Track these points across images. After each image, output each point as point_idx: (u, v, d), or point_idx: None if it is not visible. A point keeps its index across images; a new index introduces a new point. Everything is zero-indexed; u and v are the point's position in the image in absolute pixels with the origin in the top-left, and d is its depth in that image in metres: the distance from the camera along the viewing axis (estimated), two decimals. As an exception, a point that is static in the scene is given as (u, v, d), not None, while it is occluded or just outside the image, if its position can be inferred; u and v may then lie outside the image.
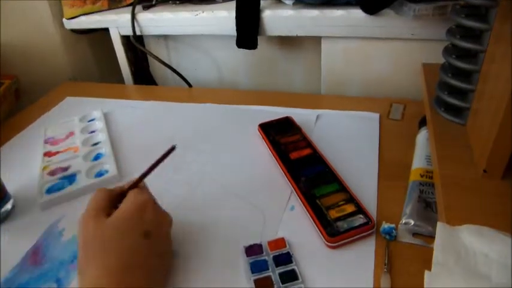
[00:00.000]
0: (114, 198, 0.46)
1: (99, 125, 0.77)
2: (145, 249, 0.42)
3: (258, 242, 0.50)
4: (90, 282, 0.38)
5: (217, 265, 0.49)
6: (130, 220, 0.42)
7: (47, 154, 0.71)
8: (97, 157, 0.69)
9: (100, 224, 0.42)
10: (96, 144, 0.72)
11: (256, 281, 0.46)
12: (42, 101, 0.91)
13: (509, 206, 0.43)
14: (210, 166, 0.65)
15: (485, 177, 0.46)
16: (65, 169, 0.66)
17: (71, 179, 0.64)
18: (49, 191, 0.62)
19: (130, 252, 0.41)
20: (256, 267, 0.47)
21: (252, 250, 0.49)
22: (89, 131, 0.77)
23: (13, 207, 0.59)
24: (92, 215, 0.43)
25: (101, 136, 0.74)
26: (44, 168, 0.67)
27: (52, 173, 0.65)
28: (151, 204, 0.45)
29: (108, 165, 0.66)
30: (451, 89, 0.56)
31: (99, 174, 0.65)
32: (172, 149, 0.50)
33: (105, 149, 0.70)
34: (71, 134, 0.76)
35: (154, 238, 0.43)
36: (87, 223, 0.42)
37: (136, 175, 0.50)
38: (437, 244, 0.40)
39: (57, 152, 0.71)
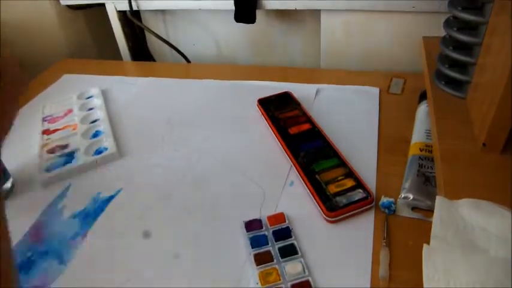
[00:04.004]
0: None
1: (97, 102, 0.77)
2: None
3: (257, 217, 0.51)
4: None
5: (217, 240, 0.49)
6: None
7: (46, 132, 0.70)
8: (96, 134, 0.69)
9: None
10: (94, 121, 0.72)
11: (256, 256, 0.46)
12: (39, 78, 0.90)
13: (508, 180, 0.43)
14: (209, 142, 0.65)
15: (485, 151, 0.46)
16: (64, 147, 0.66)
17: (70, 156, 0.64)
18: (49, 169, 0.62)
19: None
20: (256, 242, 0.48)
21: (252, 225, 0.50)
22: (87, 108, 0.76)
23: (13, 185, 0.60)
24: None
25: (99, 113, 0.73)
26: (43, 146, 0.66)
27: (51, 151, 0.65)
28: None
29: (107, 142, 0.66)
30: (451, 62, 0.55)
31: (98, 151, 0.65)
32: None
33: (103, 126, 0.70)
34: (69, 111, 0.75)
35: None
36: None
37: (135, 152, 0.49)
38: (436, 218, 0.41)
39: (56, 130, 0.70)
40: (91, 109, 0.75)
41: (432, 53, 0.62)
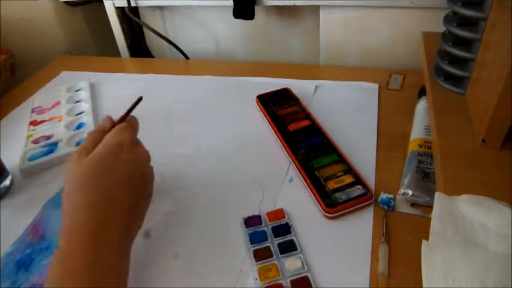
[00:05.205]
0: (99, 139, 0.46)
1: (84, 95, 0.78)
2: (122, 188, 0.43)
3: (257, 213, 0.51)
4: (69, 216, 0.40)
5: (217, 236, 0.49)
6: (104, 159, 0.43)
7: (33, 123, 0.71)
8: (79, 126, 0.70)
9: (79, 163, 0.43)
10: (80, 113, 0.73)
11: (255, 252, 0.46)
12: (37, 76, 0.90)
13: (507, 176, 0.43)
14: (208, 139, 0.65)
15: (484, 147, 0.46)
16: (48, 137, 0.67)
17: (52, 147, 0.65)
18: (31, 158, 0.62)
19: (106, 190, 0.41)
20: (256, 238, 0.48)
21: (251, 221, 0.50)
22: (75, 100, 0.77)
23: (12, 182, 0.59)
24: (75, 156, 0.44)
25: (85, 106, 0.74)
26: (29, 136, 0.67)
27: (36, 141, 0.66)
28: (127, 144, 0.45)
29: None
30: (451, 58, 0.55)
31: (80, 143, 0.65)
32: (139, 100, 0.52)
33: (86, 118, 0.71)
34: (57, 103, 0.76)
35: (131, 177, 0.44)
36: (71, 163, 0.44)
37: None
38: (435, 214, 0.41)
39: (43, 121, 0.72)
40: (78, 102, 0.76)
41: (432, 49, 0.62)
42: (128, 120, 0.49)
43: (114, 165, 0.43)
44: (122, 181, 0.43)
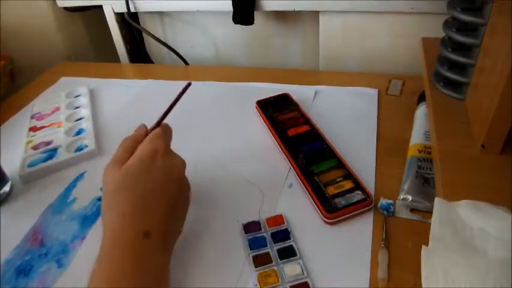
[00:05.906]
0: (134, 147, 0.47)
1: (83, 100, 0.78)
2: (157, 195, 0.43)
3: (256, 219, 0.51)
4: (109, 228, 0.41)
5: (216, 242, 0.49)
6: (139, 169, 0.44)
7: (32, 129, 0.71)
8: (79, 132, 0.70)
9: (114, 173, 0.43)
10: (79, 119, 0.73)
11: (255, 257, 0.46)
12: (37, 81, 0.90)
13: (507, 181, 0.43)
14: (208, 144, 0.65)
15: (484, 152, 0.46)
16: (48, 143, 0.67)
17: (52, 153, 0.65)
18: (31, 164, 0.62)
19: (141, 197, 0.42)
20: (255, 243, 0.48)
21: (251, 227, 0.50)
22: (74, 106, 0.77)
23: (11, 189, 0.59)
24: (109, 166, 0.45)
25: (84, 112, 0.74)
26: (28, 142, 0.68)
27: (35, 148, 0.66)
28: (161, 152, 0.46)
29: (88, 140, 0.67)
30: (450, 64, 0.55)
31: (79, 148, 0.66)
32: (189, 85, 0.53)
33: (86, 124, 0.71)
34: (57, 109, 0.76)
35: (166, 183, 0.44)
36: (105, 173, 0.45)
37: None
38: (434, 219, 0.41)
39: (42, 127, 0.72)
40: (77, 107, 0.77)
41: (431, 55, 0.62)
42: (161, 127, 0.51)
43: (149, 174, 0.44)
44: (157, 189, 0.43)
